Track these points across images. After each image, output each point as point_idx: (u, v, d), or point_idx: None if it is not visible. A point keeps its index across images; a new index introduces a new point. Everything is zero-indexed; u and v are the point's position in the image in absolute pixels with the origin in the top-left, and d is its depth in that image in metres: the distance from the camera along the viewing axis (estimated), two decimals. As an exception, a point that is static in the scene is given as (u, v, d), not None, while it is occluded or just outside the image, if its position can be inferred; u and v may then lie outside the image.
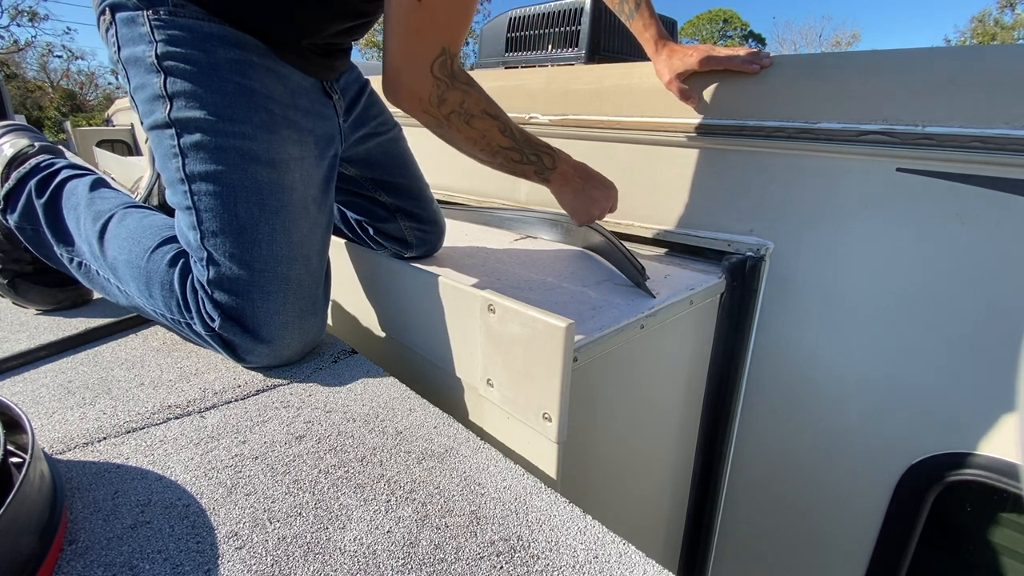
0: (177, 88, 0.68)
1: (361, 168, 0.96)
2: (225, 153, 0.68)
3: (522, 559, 0.45)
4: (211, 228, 0.69)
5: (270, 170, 0.70)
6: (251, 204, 0.69)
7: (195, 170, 0.68)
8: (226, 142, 0.68)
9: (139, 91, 0.71)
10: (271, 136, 0.71)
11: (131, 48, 0.70)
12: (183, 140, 0.68)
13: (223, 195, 0.68)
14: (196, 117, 0.68)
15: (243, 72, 0.70)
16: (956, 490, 0.83)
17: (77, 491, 0.51)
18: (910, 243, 0.80)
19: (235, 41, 0.70)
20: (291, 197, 0.72)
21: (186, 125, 0.68)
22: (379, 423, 0.63)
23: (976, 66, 0.72)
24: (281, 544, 0.46)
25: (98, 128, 3.95)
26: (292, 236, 0.72)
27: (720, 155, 0.96)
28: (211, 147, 0.68)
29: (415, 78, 0.66)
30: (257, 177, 0.69)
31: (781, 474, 1.01)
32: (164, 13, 0.68)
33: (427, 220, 0.99)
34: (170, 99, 0.68)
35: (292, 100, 0.75)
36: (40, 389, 0.68)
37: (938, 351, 0.80)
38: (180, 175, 0.69)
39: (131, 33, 0.69)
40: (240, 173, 0.69)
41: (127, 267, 0.76)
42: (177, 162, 0.69)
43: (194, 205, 0.69)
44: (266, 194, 0.70)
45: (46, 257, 0.86)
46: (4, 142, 0.90)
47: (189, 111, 0.68)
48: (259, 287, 0.70)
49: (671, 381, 0.90)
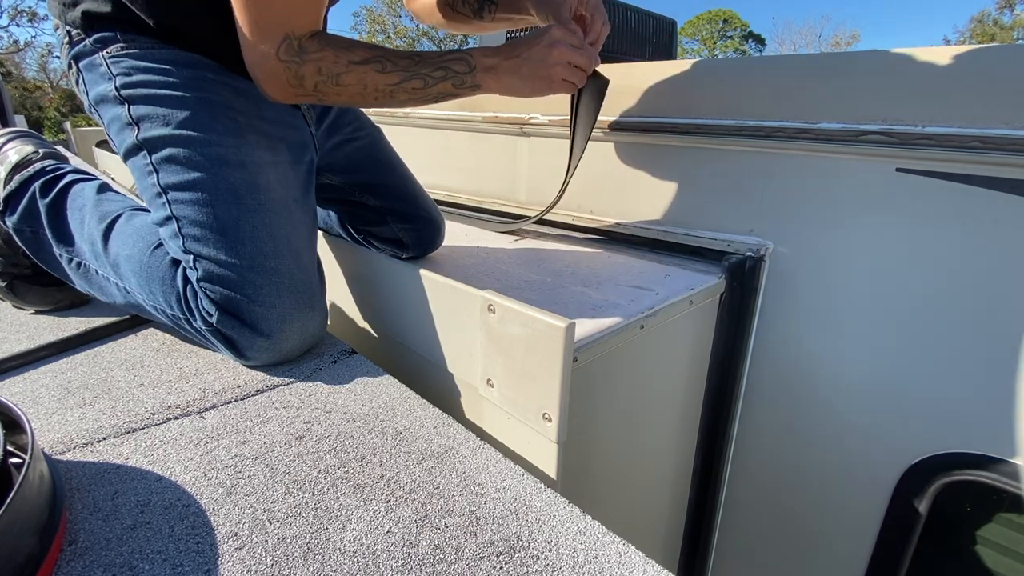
0: (141, 112, 0.71)
1: (343, 175, 0.96)
2: (195, 161, 0.71)
3: (522, 559, 0.45)
4: (191, 233, 0.70)
5: (242, 171, 0.72)
6: (228, 204, 0.70)
7: (169, 181, 0.71)
8: (194, 151, 0.71)
9: (111, 126, 0.75)
10: (238, 141, 0.73)
11: (96, 89, 0.74)
12: (154, 157, 0.71)
13: (199, 200, 0.70)
14: (162, 134, 0.71)
15: (200, 87, 0.73)
16: (956, 490, 0.83)
17: (77, 491, 0.51)
18: (910, 243, 0.80)
19: (187, 62, 0.74)
20: (268, 196, 0.73)
21: (154, 143, 0.71)
22: (379, 423, 0.63)
23: (975, 66, 0.72)
24: (281, 544, 0.46)
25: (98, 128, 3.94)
26: (275, 232, 0.72)
27: (720, 155, 0.96)
28: (180, 158, 0.70)
29: (266, 70, 0.66)
30: (230, 179, 0.71)
31: (781, 474, 1.01)
32: (116, 49, 0.72)
33: (419, 218, 0.98)
34: (136, 124, 0.71)
35: (256, 111, 0.76)
36: (40, 389, 0.68)
37: (938, 351, 0.80)
38: (156, 189, 0.72)
39: (93, 76, 0.74)
40: (212, 177, 0.71)
41: (129, 262, 0.77)
42: (152, 178, 0.72)
43: (173, 214, 0.71)
44: (242, 194, 0.71)
45: (43, 260, 0.86)
46: (9, 148, 0.90)
47: (155, 130, 0.71)
48: (250, 283, 0.70)
49: (671, 381, 0.90)
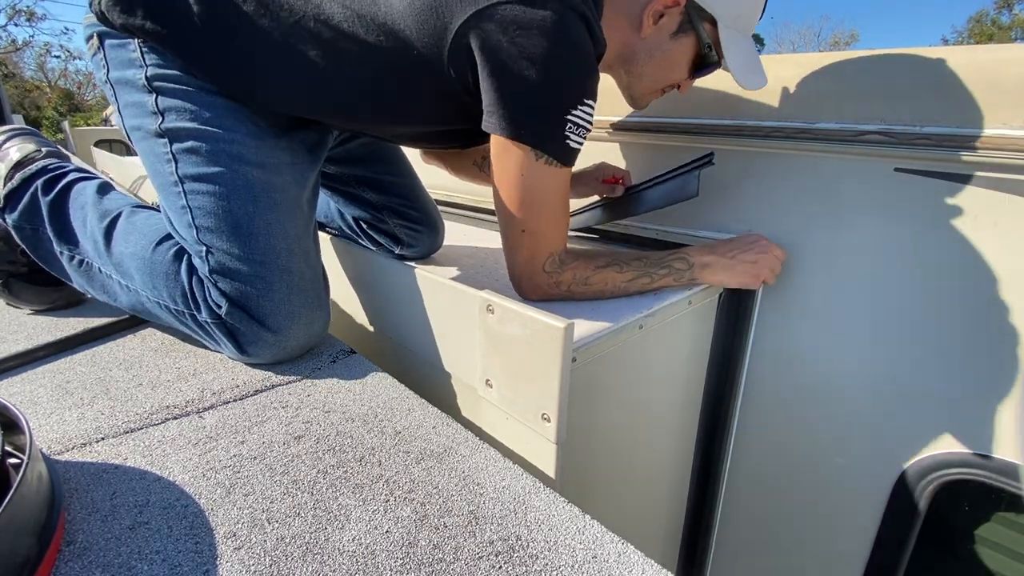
0: (168, 104, 0.73)
1: (342, 166, 0.97)
2: (216, 156, 0.72)
3: (521, 559, 0.45)
4: (205, 224, 0.71)
5: (260, 171, 0.74)
6: (244, 200, 0.72)
7: (188, 172, 0.72)
8: (216, 147, 0.72)
9: (129, 107, 0.76)
10: (259, 143, 0.75)
11: (121, 71, 0.75)
12: (175, 146, 0.72)
13: (216, 192, 0.71)
14: (187, 127, 0.72)
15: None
16: (954, 490, 0.83)
17: (75, 492, 0.51)
18: (908, 243, 0.80)
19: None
20: (284, 196, 0.75)
21: (177, 134, 0.72)
22: (378, 423, 0.63)
23: (974, 66, 0.72)
24: (280, 544, 0.46)
25: (96, 128, 3.94)
26: (288, 231, 0.74)
27: (719, 155, 0.96)
28: (202, 151, 0.72)
29: (535, 283, 0.76)
30: (248, 176, 0.72)
31: (779, 474, 1.02)
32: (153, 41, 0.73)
33: (419, 220, 0.99)
34: (162, 114, 0.73)
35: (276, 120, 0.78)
36: (38, 390, 0.68)
37: (936, 351, 0.80)
38: (173, 178, 0.72)
39: (120, 56, 0.75)
40: (231, 172, 0.72)
41: (132, 259, 0.77)
42: (170, 167, 0.72)
43: (188, 204, 0.72)
44: (258, 191, 0.73)
45: (42, 259, 0.86)
46: (11, 146, 0.90)
47: (180, 122, 0.72)
48: (262, 279, 0.71)
49: (670, 381, 0.90)
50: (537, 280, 0.76)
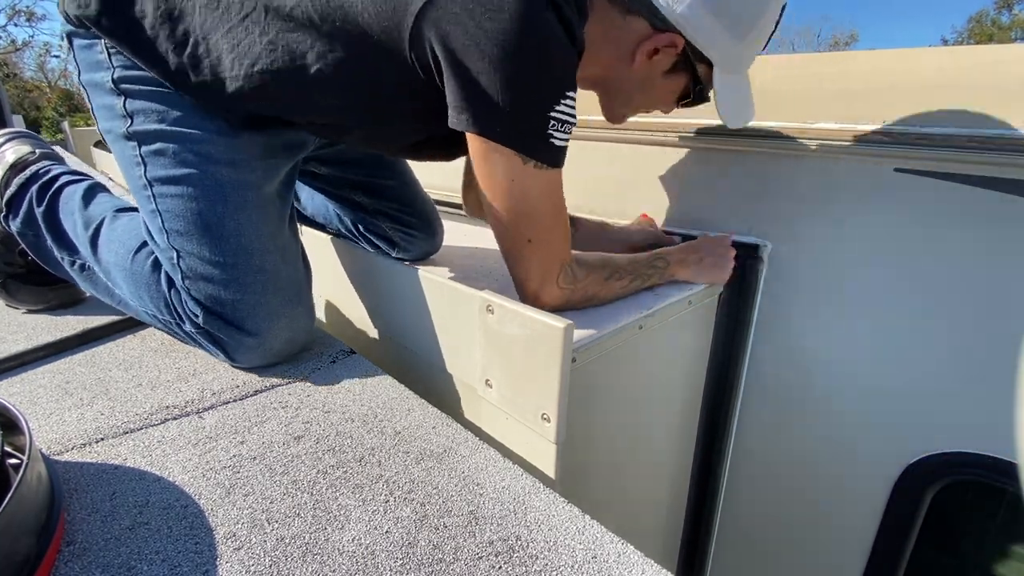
0: (136, 107, 0.71)
1: (334, 168, 0.94)
2: (183, 157, 0.70)
3: (521, 559, 0.45)
4: (175, 227, 0.70)
5: (231, 169, 0.71)
6: (213, 201, 0.70)
7: (156, 175, 0.70)
8: (184, 147, 0.70)
9: (100, 110, 0.74)
10: (229, 140, 0.72)
11: (91, 74, 0.73)
12: (143, 149, 0.71)
13: (184, 194, 0.70)
14: (154, 129, 0.71)
15: None
16: (954, 489, 0.83)
17: (75, 492, 0.51)
18: (908, 243, 0.80)
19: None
20: (256, 193, 0.73)
21: (145, 137, 0.71)
22: (377, 423, 0.63)
23: (974, 66, 0.72)
24: (279, 545, 0.46)
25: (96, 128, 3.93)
26: (261, 229, 0.72)
27: (719, 155, 0.96)
28: (169, 153, 0.70)
29: (550, 297, 0.72)
30: (217, 176, 0.70)
31: (780, 473, 1.02)
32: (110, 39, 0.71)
33: (415, 225, 0.97)
34: (130, 116, 0.71)
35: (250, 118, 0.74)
36: (38, 390, 0.68)
37: (936, 351, 0.80)
38: (143, 182, 0.71)
39: (89, 58, 0.73)
40: (200, 173, 0.70)
41: (116, 269, 0.77)
42: (139, 170, 0.71)
43: (157, 208, 0.70)
44: (228, 191, 0.70)
45: (47, 263, 0.86)
46: (7, 148, 0.90)
47: (148, 124, 0.71)
48: (235, 281, 0.70)
49: (670, 381, 0.90)
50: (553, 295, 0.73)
